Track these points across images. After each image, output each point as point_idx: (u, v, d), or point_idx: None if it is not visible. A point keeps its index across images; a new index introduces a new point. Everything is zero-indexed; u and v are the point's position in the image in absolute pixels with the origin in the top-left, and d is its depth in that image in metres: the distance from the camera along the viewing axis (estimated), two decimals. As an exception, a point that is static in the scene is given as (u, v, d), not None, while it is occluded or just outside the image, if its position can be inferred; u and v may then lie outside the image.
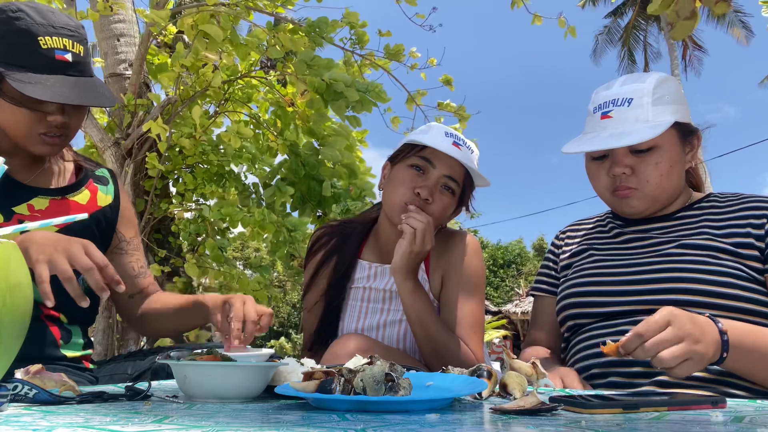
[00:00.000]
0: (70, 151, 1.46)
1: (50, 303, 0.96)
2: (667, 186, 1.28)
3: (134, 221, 1.52)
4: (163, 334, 1.48)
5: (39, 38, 1.17)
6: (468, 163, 1.45)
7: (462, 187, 1.49)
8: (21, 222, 1.26)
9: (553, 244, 1.54)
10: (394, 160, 1.53)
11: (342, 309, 1.57)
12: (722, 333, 0.95)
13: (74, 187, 1.37)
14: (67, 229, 1.28)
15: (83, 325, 1.39)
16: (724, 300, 1.12)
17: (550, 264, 1.51)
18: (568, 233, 1.51)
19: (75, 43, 1.21)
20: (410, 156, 1.47)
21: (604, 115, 1.28)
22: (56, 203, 1.32)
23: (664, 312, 0.91)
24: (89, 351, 1.40)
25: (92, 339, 1.44)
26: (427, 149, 1.45)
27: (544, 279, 1.51)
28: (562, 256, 1.46)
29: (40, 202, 1.30)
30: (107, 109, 3.95)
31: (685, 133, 1.29)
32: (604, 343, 0.93)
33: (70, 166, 1.43)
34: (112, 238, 1.44)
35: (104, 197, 1.43)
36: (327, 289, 1.59)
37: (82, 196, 1.38)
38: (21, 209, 1.27)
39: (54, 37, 1.19)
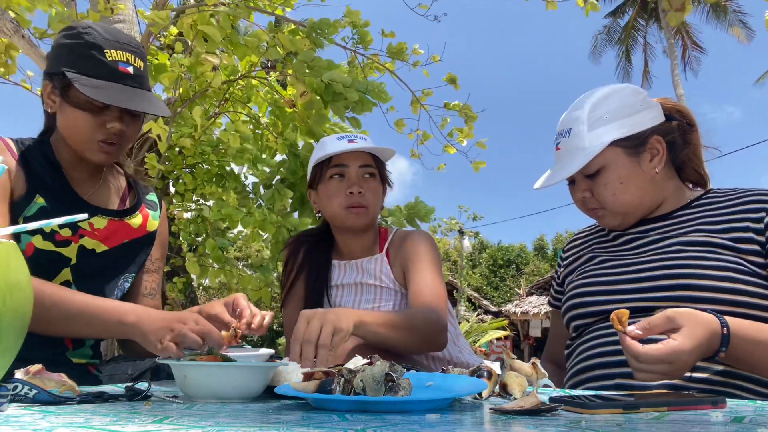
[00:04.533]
0: (123, 168, 1.54)
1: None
2: (628, 200, 1.29)
3: (166, 244, 1.60)
4: (148, 354, 1.48)
5: (105, 51, 1.27)
6: (369, 148, 1.63)
7: (377, 169, 1.68)
8: (82, 237, 1.34)
9: (559, 257, 1.57)
10: (313, 185, 1.70)
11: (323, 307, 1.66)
12: (723, 326, 0.98)
13: (131, 211, 1.45)
14: (125, 249, 1.41)
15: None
16: (725, 294, 1.12)
17: (556, 276, 1.54)
18: (572, 243, 1.54)
19: (136, 58, 1.32)
20: (325, 171, 1.64)
21: (556, 147, 1.37)
22: (113, 224, 1.40)
23: (669, 349, 0.94)
24: (96, 360, 1.43)
25: (105, 354, 1.46)
26: (333, 158, 1.63)
27: (552, 293, 1.55)
28: (565, 267, 1.48)
29: (100, 222, 1.38)
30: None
31: (634, 146, 1.29)
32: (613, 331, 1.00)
33: (123, 183, 1.51)
34: (147, 259, 1.52)
35: (153, 222, 1.51)
36: (307, 293, 1.69)
37: (136, 220, 1.46)
38: (84, 225, 1.35)
39: (119, 51, 1.29)
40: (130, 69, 1.30)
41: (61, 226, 1.30)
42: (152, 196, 1.56)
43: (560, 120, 1.38)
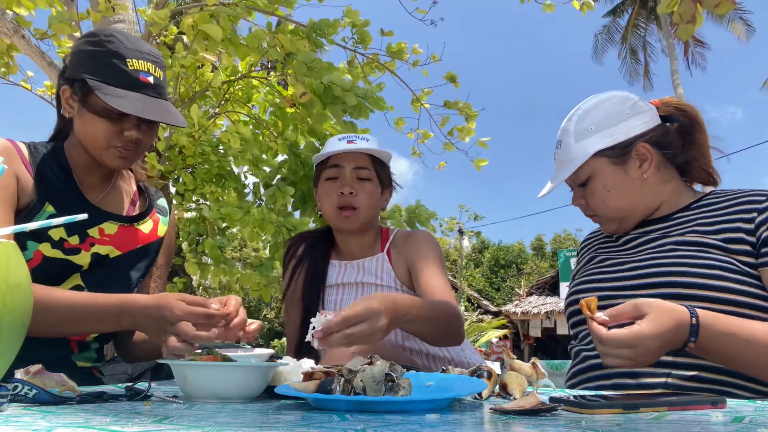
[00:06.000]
0: (136, 171, 1.54)
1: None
2: (617, 206, 1.32)
3: (172, 251, 1.60)
4: (148, 357, 1.46)
5: (127, 60, 1.28)
6: (365, 148, 1.65)
7: (375, 170, 1.68)
8: (93, 245, 1.33)
9: (578, 259, 1.57)
10: (315, 183, 1.74)
11: (319, 308, 1.67)
12: (692, 316, 1.00)
13: (141, 216, 1.45)
14: (138, 254, 1.41)
15: (102, 341, 1.42)
16: (714, 292, 1.13)
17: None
18: (583, 244, 1.56)
19: (157, 68, 1.33)
20: (322, 172, 1.69)
21: (554, 157, 1.42)
22: (124, 229, 1.40)
23: (631, 333, 0.96)
24: (100, 364, 1.43)
25: (105, 354, 1.46)
26: (330, 158, 1.67)
27: None
28: (577, 267, 1.49)
29: (110, 227, 1.38)
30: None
31: (618, 155, 1.31)
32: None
33: (134, 188, 1.51)
34: (155, 263, 1.52)
35: (163, 228, 1.51)
36: (304, 291, 1.69)
37: (146, 226, 1.46)
38: (93, 232, 1.35)
39: (140, 61, 1.30)
40: (151, 79, 1.31)
41: (69, 234, 1.30)
42: (162, 201, 1.56)
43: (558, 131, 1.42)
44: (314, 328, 1.02)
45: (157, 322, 1.08)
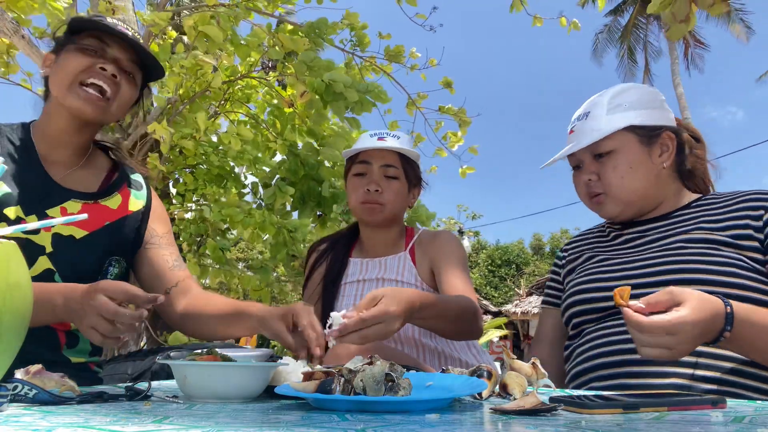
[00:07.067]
0: (109, 149, 1.51)
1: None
2: (633, 187, 1.32)
3: (167, 220, 1.56)
4: (205, 337, 1.43)
5: (105, 22, 1.33)
6: (393, 146, 1.68)
7: (403, 169, 1.71)
8: (53, 226, 1.28)
9: (557, 257, 1.58)
10: (345, 177, 1.79)
11: (336, 304, 1.69)
12: (726, 305, 0.97)
13: (107, 192, 1.41)
14: (108, 231, 1.36)
15: None
16: (729, 289, 1.13)
17: (554, 276, 1.55)
18: (572, 243, 1.55)
19: (134, 34, 1.38)
20: (352, 167, 1.73)
21: (570, 131, 1.42)
22: (88, 207, 1.36)
23: (674, 318, 0.92)
24: (96, 358, 1.41)
25: (105, 351, 1.44)
26: (360, 154, 1.71)
27: (549, 291, 1.55)
28: (566, 267, 1.49)
29: (73, 206, 1.33)
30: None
31: (647, 136, 1.33)
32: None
33: (107, 164, 1.47)
34: (142, 240, 1.47)
35: (137, 202, 1.46)
36: (323, 287, 1.72)
37: (114, 201, 1.41)
38: (54, 212, 1.30)
39: (116, 22, 1.36)
40: (129, 33, 1.35)
41: (27, 213, 1.25)
42: (137, 176, 1.52)
43: (578, 110, 1.43)
44: (330, 326, 1.05)
45: (80, 306, 1.02)
